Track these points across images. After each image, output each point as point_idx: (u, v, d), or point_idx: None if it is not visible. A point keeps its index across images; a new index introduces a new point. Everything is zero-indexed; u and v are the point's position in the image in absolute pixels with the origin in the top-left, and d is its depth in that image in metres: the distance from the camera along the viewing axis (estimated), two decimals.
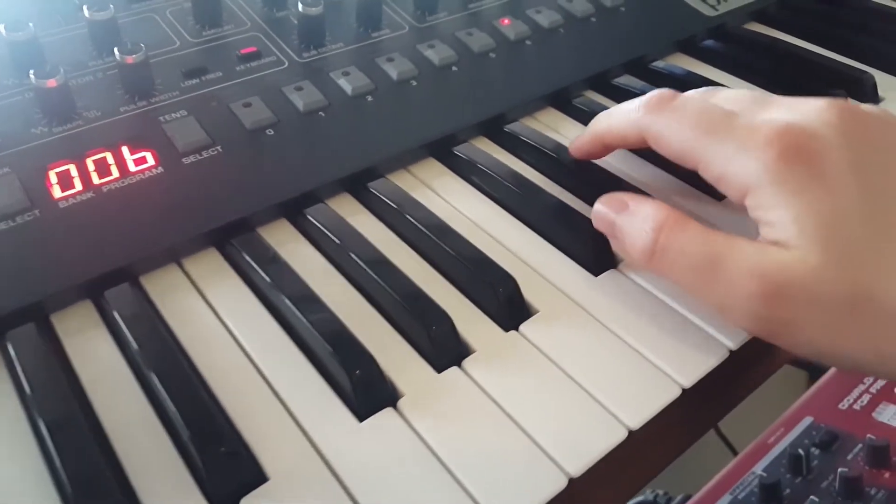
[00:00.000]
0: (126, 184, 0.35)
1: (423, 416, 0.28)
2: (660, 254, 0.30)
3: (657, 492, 0.65)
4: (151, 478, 0.26)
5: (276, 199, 0.36)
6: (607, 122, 0.37)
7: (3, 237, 0.32)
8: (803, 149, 0.28)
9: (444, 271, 0.34)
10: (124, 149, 0.36)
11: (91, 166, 0.35)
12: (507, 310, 0.32)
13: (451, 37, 0.48)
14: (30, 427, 0.27)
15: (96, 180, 0.35)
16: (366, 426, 0.28)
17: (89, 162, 0.35)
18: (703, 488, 0.53)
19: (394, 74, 0.44)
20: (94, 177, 0.35)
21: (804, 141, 0.28)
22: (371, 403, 0.28)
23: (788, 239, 0.27)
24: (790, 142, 0.28)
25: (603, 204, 0.33)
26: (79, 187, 0.34)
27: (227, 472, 0.26)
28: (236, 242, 0.34)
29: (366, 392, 0.28)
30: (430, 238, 0.35)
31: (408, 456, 0.27)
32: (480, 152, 0.42)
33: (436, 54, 0.46)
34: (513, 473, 0.26)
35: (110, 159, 0.36)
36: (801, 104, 0.31)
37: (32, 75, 0.36)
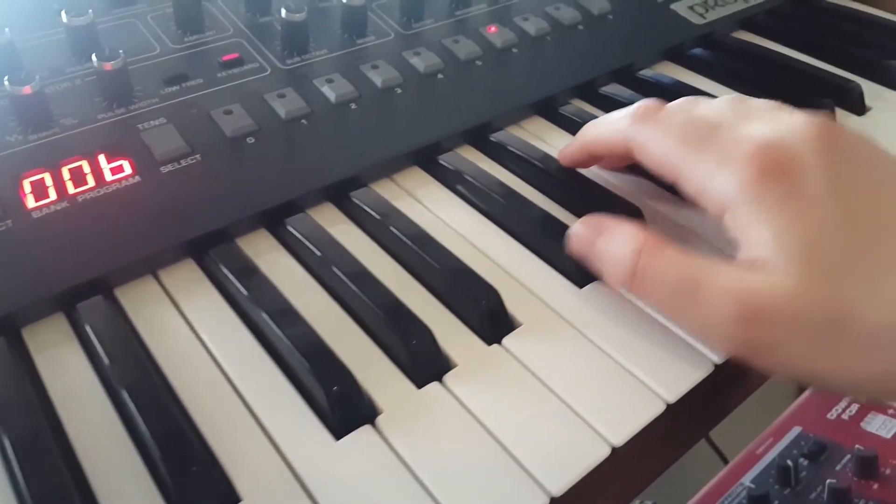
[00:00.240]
0: (102, 193, 0.34)
1: (402, 433, 0.27)
2: (639, 277, 0.29)
3: (646, 503, 0.64)
4: (121, 498, 0.25)
5: (256, 209, 0.35)
6: (595, 131, 0.36)
7: None
8: (782, 167, 0.27)
9: (426, 283, 0.33)
10: (101, 157, 0.35)
11: (66, 175, 0.34)
12: (490, 323, 0.31)
13: (437, 44, 0.47)
14: None
15: (71, 189, 0.34)
16: (343, 444, 0.27)
17: (65, 171, 0.34)
18: (690, 501, 0.52)
19: (378, 82, 0.43)
20: (70, 186, 0.34)
21: (783, 159, 0.28)
22: (348, 421, 0.27)
23: (767, 258, 0.27)
24: (770, 159, 0.28)
25: (580, 227, 0.32)
26: (53, 197, 0.33)
27: (199, 493, 0.25)
28: (214, 254, 0.33)
29: (343, 409, 0.27)
30: (413, 249, 0.34)
31: (386, 475, 0.26)
32: (465, 161, 0.41)
33: (421, 62, 0.45)
34: (493, 492, 0.25)
35: (86, 168, 0.35)
36: (784, 118, 0.30)
37: (7, 82, 0.35)
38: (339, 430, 0.27)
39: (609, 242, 0.31)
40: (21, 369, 0.28)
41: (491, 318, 0.31)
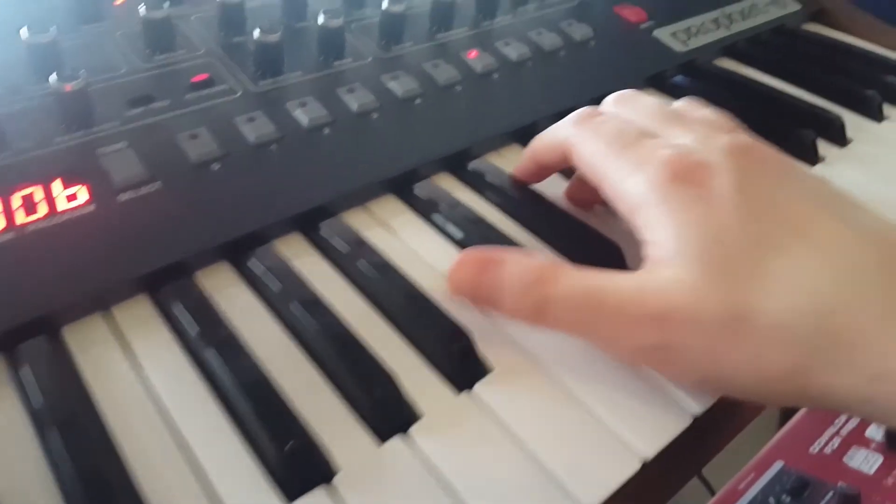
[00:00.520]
0: (53, 223, 0.31)
1: (362, 495, 0.24)
2: (543, 310, 0.27)
3: None
4: None
5: (218, 240, 0.32)
6: (540, 140, 0.36)
7: None
8: (693, 171, 0.27)
9: (393, 322, 0.31)
10: (55, 184, 0.32)
11: (17, 203, 0.31)
12: (461, 367, 0.29)
13: (416, 68, 0.44)
14: None
15: (21, 219, 0.31)
16: None
17: (15, 198, 0.31)
18: None
19: (354, 106, 0.40)
20: (20, 215, 0.31)
21: (695, 165, 0.28)
22: (302, 481, 0.24)
23: (669, 257, 0.26)
24: (682, 164, 0.28)
25: (463, 264, 0.30)
26: (1, 226, 0.30)
27: None
28: (169, 289, 0.31)
29: (296, 468, 0.24)
30: (381, 285, 0.32)
31: None
32: (441, 191, 0.38)
33: (399, 86, 0.42)
34: None
35: (39, 195, 0.32)
36: (708, 132, 0.30)
37: None
38: (290, 492, 0.24)
39: (501, 277, 0.28)
40: None
41: (462, 362, 0.29)
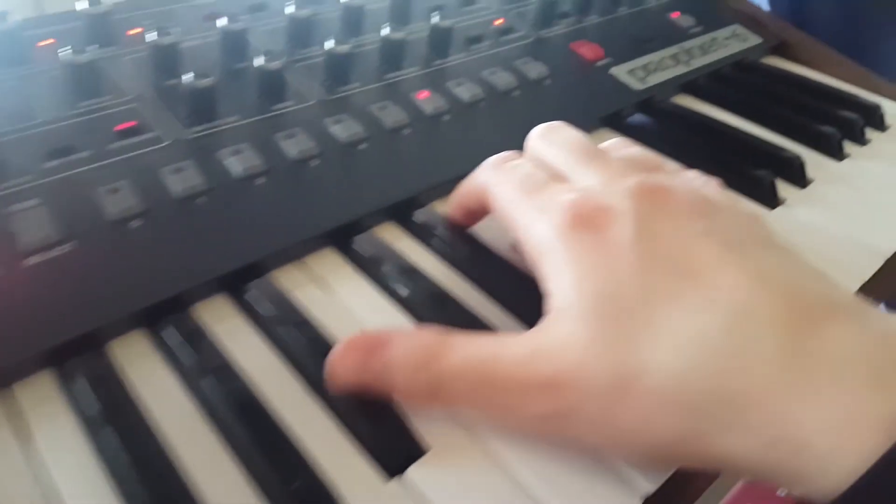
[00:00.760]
0: None
1: None
2: (437, 388, 0.25)
3: None
4: None
5: (134, 307, 0.29)
6: (463, 186, 0.35)
7: None
8: (594, 217, 0.26)
9: (320, 397, 0.28)
10: None
11: None
12: (393, 449, 0.26)
13: (362, 110, 0.42)
14: None
15: None
16: None
17: None
18: None
19: (292, 152, 0.37)
20: None
21: (596, 210, 0.26)
22: None
23: (564, 309, 0.25)
24: (583, 210, 0.26)
25: (345, 350, 0.27)
26: None
27: None
28: (76, 363, 0.27)
29: None
30: (307, 356, 0.29)
31: None
32: (384, 244, 0.36)
33: (342, 130, 0.40)
34: None
35: None
36: (623, 172, 0.28)
37: None
38: None
39: (389, 360, 0.26)
40: None
41: (394, 444, 0.26)
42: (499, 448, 0.26)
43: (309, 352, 0.29)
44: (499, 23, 0.52)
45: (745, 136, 0.49)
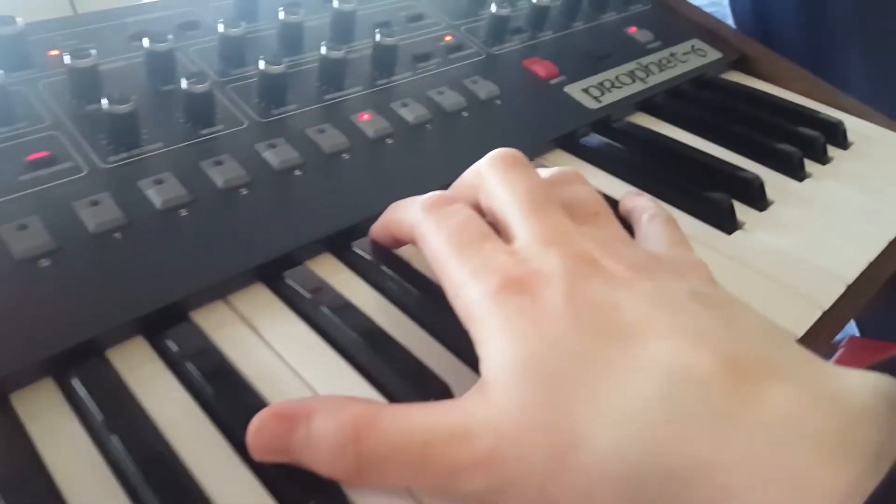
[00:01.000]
0: None
1: None
2: (364, 468, 0.24)
3: None
4: None
5: (43, 354, 0.28)
6: (393, 212, 0.34)
7: None
8: (524, 281, 0.25)
9: (240, 454, 0.27)
10: None
11: None
12: None
13: (298, 134, 0.41)
14: None
15: None
16: None
17: None
18: None
19: (219, 181, 0.37)
20: None
21: (527, 275, 0.26)
22: None
23: (493, 377, 0.24)
24: (514, 275, 0.26)
25: (265, 420, 0.25)
26: None
27: None
28: None
29: None
30: (229, 406, 0.28)
31: None
32: (317, 278, 0.35)
33: (276, 156, 0.39)
34: None
35: None
36: (555, 230, 0.28)
37: None
38: None
39: (311, 436, 0.25)
40: None
41: None
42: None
43: (230, 405, 0.28)
44: (448, 39, 0.52)
45: (702, 156, 0.49)
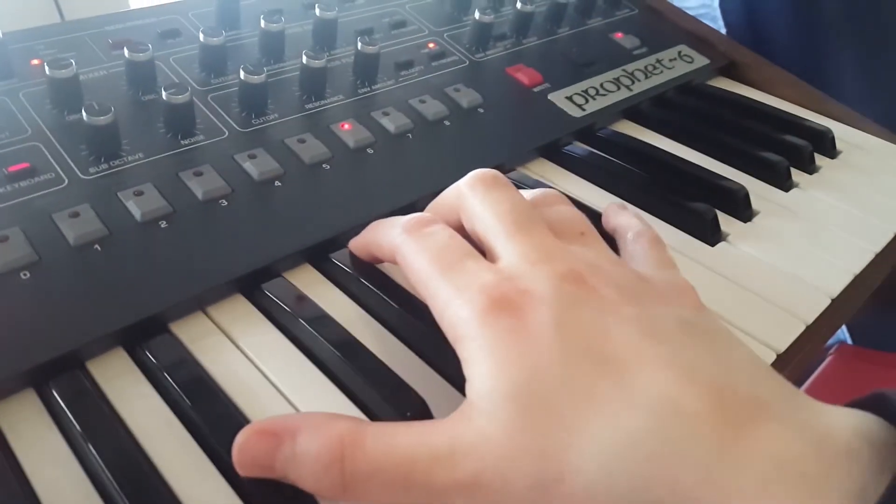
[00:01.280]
0: None
1: None
2: (350, 486, 0.25)
3: None
4: None
5: (22, 367, 0.30)
6: (374, 233, 0.36)
7: None
8: (512, 301, 0.26)
9: (218, 467, 0.28)
10: None
11: None
12: None
13: (279, 144, 0.43)
14: None
15: None
16: None
17: None
18: None
19: (199, 193, 0.38)
20: None
21: (515, 294, 0.26)
22: None
23: (480, 400, 0.25)
24: (502, 293, 0.26)
25: (251, 436, 0.27)
26: None
27: None
28: None
29: None
30: (206, 417, 0.29)
31: None
32: (295, 290, 0.36)
33: (255, 167, 0.41)
34: None
35: None
36: (540, 250, 0.29)
37: None
38: None
39: (297, 453, 0.26)
40: None
41: None
42: None
43: (207, 416, 0.29)
44: (431, 47, 0.54)
45: (686, 165, 0.51)
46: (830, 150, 0.56)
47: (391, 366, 0.33)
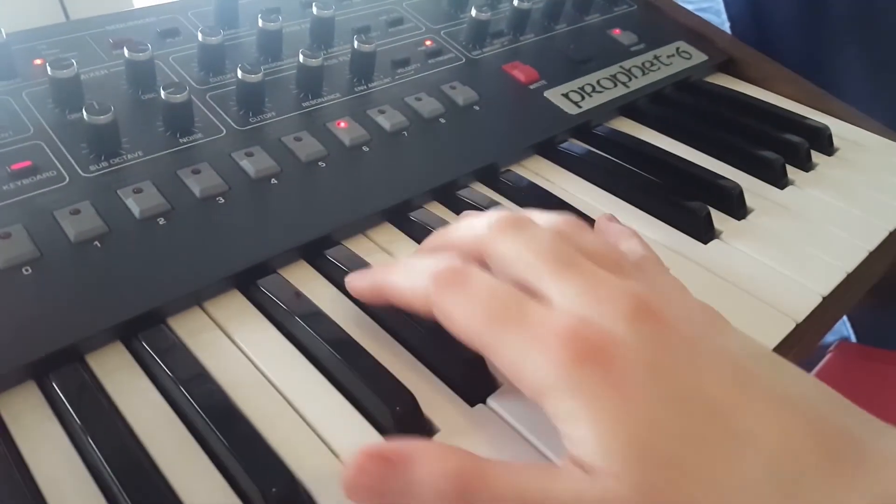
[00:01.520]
0: None
1: None
2: None
3: None
4: None
5: (23, 361, 0.31)
6: (389, 279, 0.33)
7: None
8: (597, 350, 0.26)
9: (215, 459, 0.30)
10: None
11: None
12: None
13: (275, 142, 0.44)
14: None
15: None
16: None
17: None
18: None
19: (197, 191, 0.40)
20: None
21: (598, 341, 0.26)
22: None
23: (594, 463, 0.25)
24: (583, 342, 0.26)
25: (364, 463, 0.26)
26: None
27: None
28: None
29: None
30: (205, 420, 0.31)
31: None
32: (289, 287, 0.38)
33: (252, 164, 0.42)
34: None
35: None
36: (595, 284, 0.29)
37: None
38: None
39: (413, 482, 0.26)
40: None
41: None
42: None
43: (207, 410, 0.31)
44: (428, 44, 0.55)
45: (681, 163, 0.52)
46: (828, 148, 0.57)
47: (383, 361, 0.34)
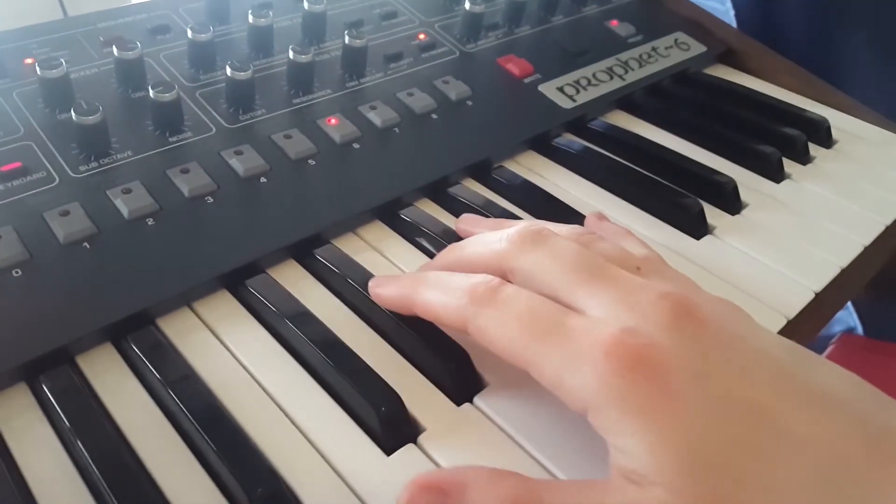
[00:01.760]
0: None
1: None
2: None
3: None
4: None
5: (13, 363, 0.32)
6: (427, 297, 0.33)
7: None
8: (643, 361, 0.26)
9: (202, 460, 0.31)
10: None
11: None
12: None
13: (265, 140, 0.45)
14: None
15: None
16: None
17: None
18: None
19: (185, 190, 0.41)
20: None
21: (642, 351, 0.27)
22: None
23: (646, 473, 0.25)
24: (627, 353, 0.27)
25: (416, 493, 0.28)
26: None
27: None
28: None
29: None
30: (192, 423, 0.32)
31: None
32: (277, 286, 0.39)
33: (241, 163, 0.43)
34: None
35: None
36: (633, 291, 0.29)
37: None
38: None
39: None
40: None
41: None
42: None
43: (194, 412, 0.32)
44: (421, 38, 0.55)
45: (676, 157, 0.52)
46: (826, 140, 0.57)
47: (370, 361, 0.35)
